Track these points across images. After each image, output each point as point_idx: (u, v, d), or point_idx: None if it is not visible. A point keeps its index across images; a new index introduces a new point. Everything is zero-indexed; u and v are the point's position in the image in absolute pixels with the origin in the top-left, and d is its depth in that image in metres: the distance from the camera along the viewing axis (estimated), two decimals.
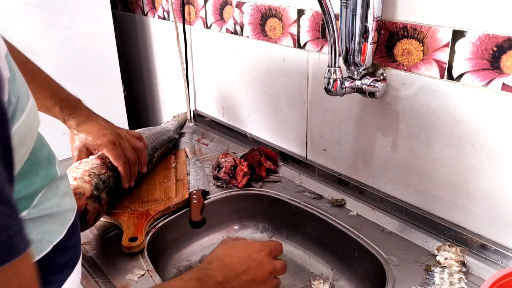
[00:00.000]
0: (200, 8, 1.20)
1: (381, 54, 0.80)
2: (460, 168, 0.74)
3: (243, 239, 0.71)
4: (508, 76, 0.65)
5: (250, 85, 1.12)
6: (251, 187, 0.97)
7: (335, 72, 0.74)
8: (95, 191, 0.78)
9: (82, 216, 0.74)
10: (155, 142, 1.04)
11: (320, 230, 0.87)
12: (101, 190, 0.79)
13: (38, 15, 1.23)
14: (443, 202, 0.79)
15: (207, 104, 1.31)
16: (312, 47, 0.92)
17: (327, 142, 0.96)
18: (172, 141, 1.14)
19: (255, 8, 1.03)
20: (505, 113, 0.66)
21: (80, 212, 0.74)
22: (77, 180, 0.78)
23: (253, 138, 1.16)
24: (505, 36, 0.63)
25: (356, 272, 0.81)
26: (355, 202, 0.90)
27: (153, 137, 1.05)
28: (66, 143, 0.98)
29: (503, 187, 0.70)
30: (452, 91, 0.72)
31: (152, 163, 1.00)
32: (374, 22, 0.75)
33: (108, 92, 1.42)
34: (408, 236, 0.80)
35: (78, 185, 0.76)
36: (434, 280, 0.69)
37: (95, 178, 0.79)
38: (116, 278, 0.72)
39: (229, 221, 0.97)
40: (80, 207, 0.74)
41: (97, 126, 0.85)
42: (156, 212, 0.86)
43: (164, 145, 1.08)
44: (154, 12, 1.42)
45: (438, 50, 0.71)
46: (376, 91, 0.78)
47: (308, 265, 0.88)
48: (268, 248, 0.67)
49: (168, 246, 0.89)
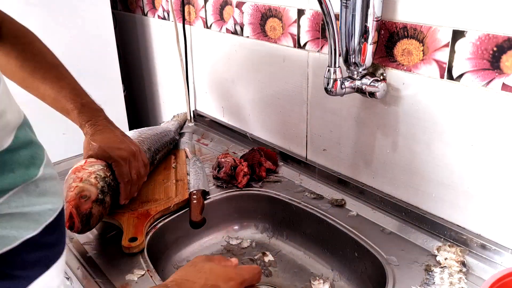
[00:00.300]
0: (200, 8, 1.20)
1: (381, 54, 0.80)
2: (460, 168, 0.74)
3: (217, 261, 0.60)
4: (508, 76, 0.64)
5: (250, 85, 1.12)
6: (251, 187, 0.97)
7: (335, 72, 0.74)
8: (100, 195, 0.77)
9: (86, 219, 0.74)
10: (158, 144, 1.04)
11: (320, 230, 0.87)
12: (106, 193, 0.79)
13: (38, 15, 1.23)
14: (443, 202, 0.79)
15: (207, 104, 1.31)
16: (312, 47, 0.92)
17: (327, 142, 0.96)
18: (173, 142, 1.14)
19: (255, 8, 1.03)
20: (505, 113, 0.66)
21: (85, 215, 0.74)
22: (84, 181, 0.77)
23: (253, 138, 1.16)
24: (505, 36, 0.63)
25: (356, 272, 0.81)
26: (355, 202, 0.90)
27: (155, 138, 1.05)
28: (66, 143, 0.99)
29: (503, 187, 0.70)
30: (452, 91, 0.72)
31: (153, 165, 1.01)
32: (374, 22, 0.75)
33: (108, 92, 1.42)
34: (408, 236, 0.80)
35: (84, 188, 0.76)
36: (434, 280, 0.69)
37: (101, 181, 0.79)
38: (116, 278, 0.72)
39: (229, 221, 0.97)
40: (86, 211, 0.74)
41: (113, 138, 0.84)
42: (156, 212, 0.86)
43: (166, 147, 1.08)
44: (154, 12, 1.42)
45: (438, 50, 0.71)
46: (376, 91, 0.78)
47: (308, 265, 0.88)
48: (240, 278, 0.57)
49: (168, 246, 0.89)
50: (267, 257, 0.89)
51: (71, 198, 0.74)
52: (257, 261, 0.88)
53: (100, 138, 0.82)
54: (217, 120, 1.27)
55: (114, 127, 0.86)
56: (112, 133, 0.84)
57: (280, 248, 0.93)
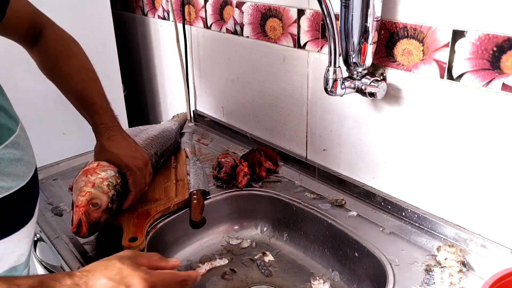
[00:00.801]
0: (200, 8, 1.20)
1: (381, 54, 0.80)
2: (459, 168, 0.74)
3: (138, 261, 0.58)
4: (508, 76, 0.64)
5: (250, 85, 1.12)
6: (251, 187, 0.97)
7: (335, 72, 0.74)
8: (110, 204, 0.78)
9: (93, 227, 0.75)
10: (163, 148, 1.05)
11: (320, 230, 0.87)
12: (114, 201, 0.79)
13: None
14: (443, 202, 0.79)
15: (207, 104, 1.31)
16: (312, 47, 0.92)
17: (327, 142, 0.96)
18: (176, 145, 1.14)
19: (255, 8, 1.03)
20: (505, 113, 0.66)
21: (93, 224, 0.75)
22: (96, 188, 0.77)
23: (253, 138, 1.16)
24: (505, 36, 0.63)
25: (356, 272, 0.81)
26: (355, 202, 0.90)
27: (162, 142, 1.05)
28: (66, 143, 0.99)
29: (503, 187, 0.70)
30: (452, 91, 0.72)
31: (157, 169, 1.01)
32: (374, 22, 0.75)
33: (108, 92, 1.41)
34: (408, 236, 0.80)
35: (96, 195, 0.76)
36: (434, 280, 0.69)
37: (112, 190, 0.79)
38: None
39: (229, 221, 0.97)
40: (95, 219, 0.75)
41: (128, 146, 0.85)
42: (156, 212, 0.86)
43: (170, 151, 1.09)
44: (154, 12, 1.42)
45: (438, 50, 0.71)
46: (376, 91, 0.78)
47: (308, 265, 0.88)
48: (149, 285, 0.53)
49: (168, 246, 0.89)
50: (267, 257, 0.89)
51: (82, 203, 0.74)
52: (257, 261, 0.88)
53: (115, 145, 0.83)
54: (217, 120, 1.27)
55: (127, 135, 0.87)
56: (126, 141, 0.85)
57: (280, 248, 0.93)
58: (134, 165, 0.83)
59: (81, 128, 0.89)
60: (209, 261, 0.88)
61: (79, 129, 0.85)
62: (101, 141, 0.83)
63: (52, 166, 1.07)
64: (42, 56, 0.83)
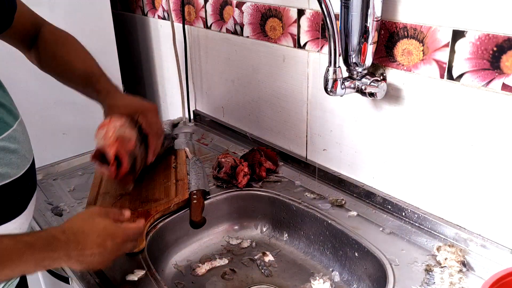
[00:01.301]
0: (200, 8, 1.20)
1: (381, 54, 0.80)
2: (459, 168, 0.74)
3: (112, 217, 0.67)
4: (508, 76, 0.65)
5: (250, 85, 1.12)
6: (251, 187, 0.97)
7: (335, 72, 0.74)
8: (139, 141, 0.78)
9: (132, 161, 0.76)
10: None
11: (320, 230, 0.87)
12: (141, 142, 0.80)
13: None
14: (443, 202, 0.79)
15: (207, 104, 1.31)
16: (312, 47, 0.92)
17: (327, 142, 0.96)
18: (169, 145, 1.13)
19: (255, 8, 1.03)
20: (505, 113, 0.66)
21: (131, 155, 0.76)
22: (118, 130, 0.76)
23: (253, 138, 1.16)
24: (505, 36, 0.63)
25: (356, 272, 0.81)
26: (355, 202, 0.90)
27: None
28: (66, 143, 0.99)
29: (503, 187, 0.70)
30: (452, 91, 0.72)
31: (154, 167, 1.01)
32: (374, 22, 0.75)
33: None
34: (408, 236, 0.80)
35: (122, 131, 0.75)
36: (434, 280, 0.69)
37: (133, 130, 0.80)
38: (116, 278, 0.72)
39: (229, 221, 0.97)
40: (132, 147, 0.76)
41: (133, 98, 0.87)
42: (156, 212, 0.86)
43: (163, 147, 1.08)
44: (154, 12, 1.42)
45: (438, 50, 0.71)
46: (376, 91, 0.78)
47: (308, 265, 0.88)
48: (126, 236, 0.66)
49: (168, 246, 0.89)
50: (267, 257, 0.89)
51: (112, 142, 0.73)
52: (257, 261, 0.88)
53: (121, 100, 0.85)
54: (217, 120, 1.27)
55: None
56: (130, 96, 0.88)
57: (280, 248, 0.93)
58: (144, 106, 0.86)
59: (81, 128, 0.90)
60: (209, 261, 0.88)
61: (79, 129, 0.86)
62: (107, 102, 0.84)
63: (52, 166, 1.07)
64: (41, 51, 0.84)
